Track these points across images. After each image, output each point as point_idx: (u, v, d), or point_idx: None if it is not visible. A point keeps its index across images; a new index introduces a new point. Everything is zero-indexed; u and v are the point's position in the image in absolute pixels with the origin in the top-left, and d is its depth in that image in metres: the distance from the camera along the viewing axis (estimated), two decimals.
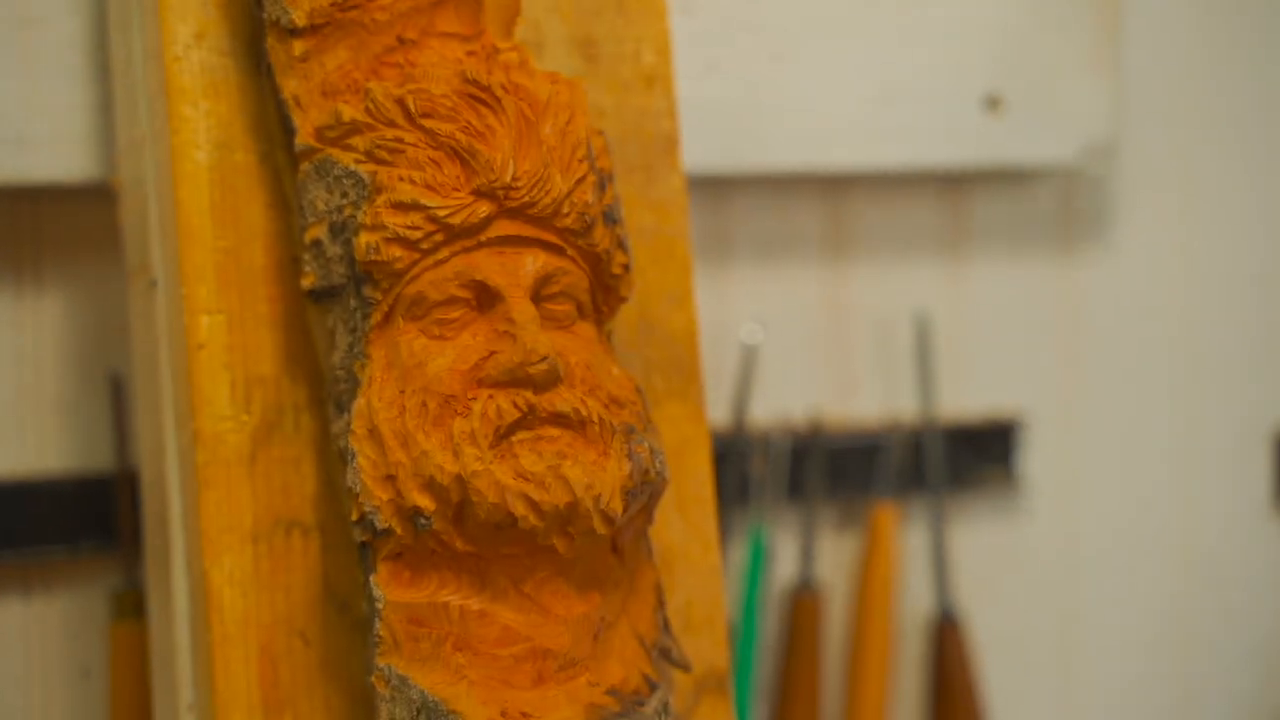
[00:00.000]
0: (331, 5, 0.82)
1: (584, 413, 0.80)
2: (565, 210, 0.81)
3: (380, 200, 0.80)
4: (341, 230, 0.81)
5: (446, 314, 0.80)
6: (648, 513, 0.84)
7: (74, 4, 0.96)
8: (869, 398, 1.22)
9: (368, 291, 0.80)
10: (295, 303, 0.86)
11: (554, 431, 0.79)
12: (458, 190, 0.80)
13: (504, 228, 0.80)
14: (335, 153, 0.82)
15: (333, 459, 0.85)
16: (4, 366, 1.02)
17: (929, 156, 1.18)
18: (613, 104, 0.93)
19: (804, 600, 1.18)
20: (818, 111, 1.14)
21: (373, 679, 0.79)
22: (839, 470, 1.20)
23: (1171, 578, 1.32)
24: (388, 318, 0.81)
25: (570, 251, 0.82)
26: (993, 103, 1.18)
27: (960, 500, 1.24)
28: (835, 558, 1.22)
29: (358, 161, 0.81)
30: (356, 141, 0.81)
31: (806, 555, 1.19)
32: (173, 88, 0.85)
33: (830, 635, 1.21)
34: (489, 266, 0.80)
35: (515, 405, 0.79)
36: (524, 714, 0.78)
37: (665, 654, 0.85)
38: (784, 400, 1.19)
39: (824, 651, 1.19)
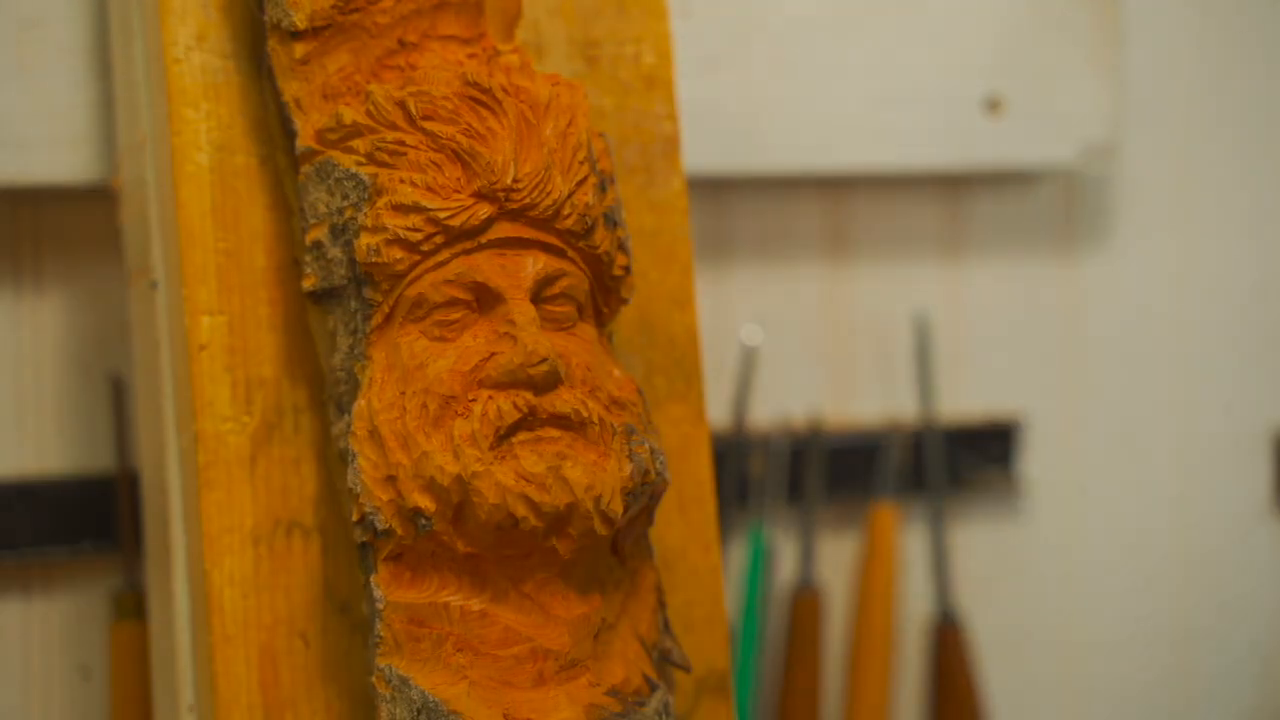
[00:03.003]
0: (333, 8, 0.82)
1: (584, 414, 0.79)
2: (566, 212, 0.81)
3: (381, 202, 0.80)
4: (342, 232, 0.81)
5: (447, 315, 0.80)
6: (648, 514, 0.84)
7: (75, 6, 0.96)
8: (869, 398, 1.22)
9: (368, 293, 0.80)
10: (296, 304, 0.86)
11: (554, 433, 0.79)
12: (458, 192, 0.80)
13: (505, 229, 0.80)
14: (336, 155, 0.82)
15: (333, 460, 0.85)
16: (4, 367, 1.02)
17: (929, 158, 1.18)
18: (613, 106, 0.93)
19: (804, 600, 1.18)
20: (818, 113, 1.14)
21: (373, 679, 0.79)
22: (839, 471, 1.20)
23: (1171, 578, 1.32)
24: (388, 319, 0.81)
25: (571, 253, 0.82)
26: (993, 104, 1.18)
27: (960, 501, 1.24)
28: (835, 558, 1.21)
29: (359, 164, 0.81)
30: (357, 144, 0.81)
31: (806, 555, 1.19)
32: (174, 90, 0.85)
33: (830, 635, 1.21)
34: (490, 268, 0.80)
35: (516, 406, 0.79)
36: (525, 715, 0.78)
37: (666, 654, 0.85)
38: (784, 401, 1.19)
39: (824, 652, 1.19)
